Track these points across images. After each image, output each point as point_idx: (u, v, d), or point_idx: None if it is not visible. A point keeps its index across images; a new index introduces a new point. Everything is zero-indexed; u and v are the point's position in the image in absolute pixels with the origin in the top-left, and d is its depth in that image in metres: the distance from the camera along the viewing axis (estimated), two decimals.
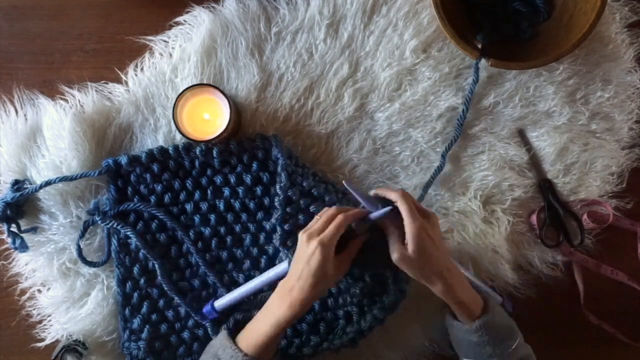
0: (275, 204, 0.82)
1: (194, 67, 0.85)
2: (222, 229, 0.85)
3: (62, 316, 0.84)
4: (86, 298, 0.84)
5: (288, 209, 0.82)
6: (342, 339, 0.81)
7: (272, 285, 0.77)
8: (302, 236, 0.70)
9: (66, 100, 0.86)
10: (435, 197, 0.87)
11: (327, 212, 0.72)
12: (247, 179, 0.84)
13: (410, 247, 0.67)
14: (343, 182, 0.71)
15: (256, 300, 0.81)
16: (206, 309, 0.81)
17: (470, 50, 0.79)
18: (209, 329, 0.82)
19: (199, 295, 0.84)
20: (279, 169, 0.82)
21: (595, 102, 0.88)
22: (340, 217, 0.70)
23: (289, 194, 0.82)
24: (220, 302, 0.81)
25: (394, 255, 0.68)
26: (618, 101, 0.88)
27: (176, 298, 0.82)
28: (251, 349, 0.69)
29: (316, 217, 0.72)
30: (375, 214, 0.71)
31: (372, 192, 0.74)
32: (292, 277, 0.70)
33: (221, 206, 0.84)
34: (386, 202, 0.71)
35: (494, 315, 0.70)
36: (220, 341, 0.72)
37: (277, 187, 0.82)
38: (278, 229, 0.82)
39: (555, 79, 0.87)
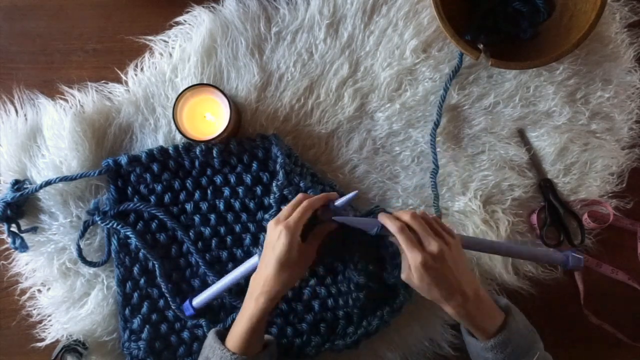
0: (271, 201, 0.82)
1: (194, 67, 0.85)
2: (222, 229, 0.85)
3: (62, 316, 0.84)
4: (86, 298, 0.84)
5: (282, 207, 0.81)
6: (344, 340, 0.82)
7: (247, 279, 0.77)
8: (270, 223, 0.71)
9: (66, 100, 0.86)
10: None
11: (294, 199, 0.73)
12: (247, 178, 0.84)
13: (414, 276, 0.66)
14: (333, 218, 0.70)
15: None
16: (185, 305, 0.81)
17: (470, 50, 0.79)
18: (204, 327, 0.82)
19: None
20: (277, 167, 0.82)
21: (595, 102, 0.88)
22: (305, 203, 0.71)
23: (284, 192, 0.82)
24: (197, 300, 0.81)
25: (402, 275, 0.68)
26: (618, 101, 0.88)
27: (170, 300, 0.82)
28: (236, 347, 0.69)
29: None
30: (339, 201, 0.72)
31: (379, 216, 0.71)
32: (260, 267, 0.71)
33: (221, 206, 0.84)
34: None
35: (511, 333, 0.67)
36: (209, 342, 0.73)
37: (274, 184, 0.82)
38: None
39: (555, 79, 0.87)
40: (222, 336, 0.73)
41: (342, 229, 0.74)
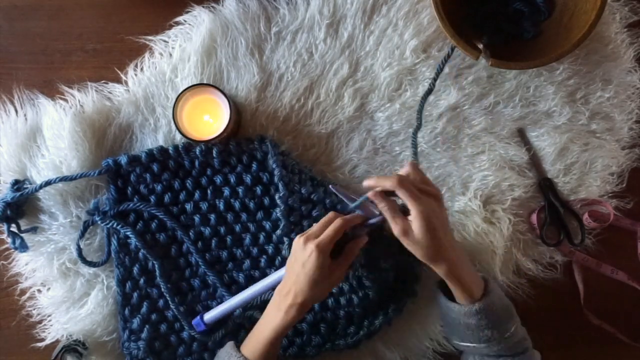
0: (278, 214, 0.82)
1: (194, 67, 0.85)
2: (222, 229, 0.85)
3: (62, 316, 0.84)
4: (86, 298, 0.84)
5: (291, 218, 0.82)
6: (345, 340, 0.82)
7: (263, 296, 0.78)
8: (298, 240, 0.70)
9: (66, 100, 0.86)
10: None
11: (324, 217, 0.71)
12: (247, 178, 0.84)
13: (416, 227, 0.64)
14: (330, 186, 0.69)
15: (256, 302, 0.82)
16: (195, 321, 0.81)
17: (470, 50, 0.79)
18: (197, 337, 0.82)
19: (198, 295, 0.84)
20: (275, 179, 0.82)
21: (595, 102, 0.88)
22: (337, 222, 0.69)
23: (289, 203, 0.82)
24: (209, 315, 0.81)
25: (395, 229, 0.65)
26: (618, 101, 0.88)
27: (169, 300, 0.82)
28: (255, 356, 0.70)
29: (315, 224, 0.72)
30: (373, 221, 0.71)
31: (365, 183, 0.68)
32: (288, 282, 0.70)
33: (221, 206, 0.84)
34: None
35: (494, 298, 0.68)
36: (226, 350, 0.73)
37: (277, 197, 0.82)
38: (285, 239, 0.82)
39: (555, 79, 0.87)
40: (238, 347, 0.73)
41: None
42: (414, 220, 0.64)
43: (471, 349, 0.70)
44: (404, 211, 0.66)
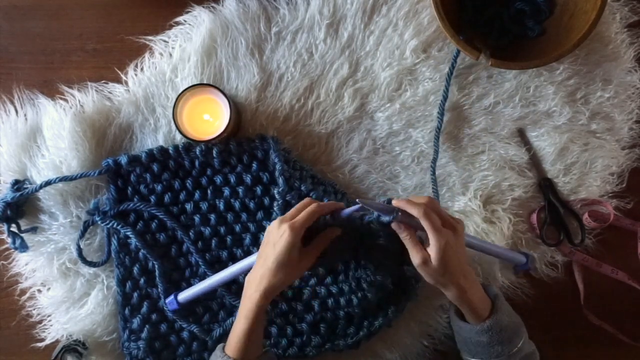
0: (275, 209, 0.82)
1: (194, 67, 0.85)
2: (222, 229, 0.85)
3: (62, 316, 0.84)
4: (86, 298, 0.84)
5: None
6: (345, 340, 0.82)
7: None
8: (273, 223, 0.71)
9: (66, 100, 0.86)
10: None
11: (301, 202, 0.73)
12: (247, 178, 0.84)
13: (434, 259, 0.66)
14: (357, 200, 0.68)
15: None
16: (169, 299, 0.81)
17: (470, 50, 0.79)
18: (195, 330, 0.82)
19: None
20: (276, 174, 0.82)
21: (595, 102, 0.88)
22: (312, 206, 0.70)
23: (287, 198, 0.82)
24: (183, 295, 0.81)
25: (415, 259, 0.67)
26: (618, 101, 0.88)
27: (162, 301, 0.82)
28: (235, 350, 0.69)
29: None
30: (346, 211, 0.71)
31: (393, 202, 0.70)
32: (257, 264, 0.71)
33: (221, 206, 0.84)
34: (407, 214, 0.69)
35: (502, 314, 0.70)
36: (215, 354, 0.72)
37: (276, 192, 0.82)
38: None
39: (555, 79, 0.87)
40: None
41: (345, 233, 0.74)
42: (432, 251, 0.66)
43: None
44: (421, 238, 0.69)
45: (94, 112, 0.85)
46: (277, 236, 0.69)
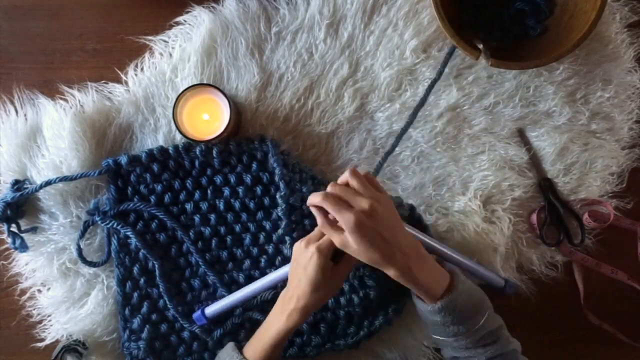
0: (280, 214, 0.82)
1: (194, 67, 0.85)
2: (222, 229, 0.85)
3: (62, 316, 0.84)
4: (86, 298, 0.84)
5: (293, 217, 0.82)
6: (345, 340, 0.82)
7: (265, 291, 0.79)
8: (299, 244, 0.70)
9: (66, 100, 0.86)
10: (435, 197, 0.87)
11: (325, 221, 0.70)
12: (247, 178, 0.84)
13: (349, 240, 0.64)
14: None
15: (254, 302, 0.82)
16: (196, 314, 0.81)
17: (470, 50, 0.79)
18: (197, 332, 0.82)
19: (198, 295, 0.84)
20: (276, 178, 0.82)
21: (595, 102, 0.88)
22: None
23: (290, 202, 0.82)
24: (211, 309, 0.81)
25: (336, 242, 0.65)
26: (618, 101, 0.88)
27: (167, 301, 0.82)
28: (256, 358, 0.70)
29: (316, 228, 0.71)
30: None
31: (307, 203, 0.68)
32: (291, 286, 0.71)
33: (221, 206, 0.85)
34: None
35: (458, 294, 0.67)
36: (227, 351, 0.73)
37: (278, 196, 0.82)
38: (287, 238, 0.82)
39: (555, 79, 0.87)
40: (239, 348, 0.73)
41: None
42: (346, 233, 0.64)
43: (442, 341, 0.71)
44: None
45: (94, 112, 0.85)
46: (306, 259, 0.68)
